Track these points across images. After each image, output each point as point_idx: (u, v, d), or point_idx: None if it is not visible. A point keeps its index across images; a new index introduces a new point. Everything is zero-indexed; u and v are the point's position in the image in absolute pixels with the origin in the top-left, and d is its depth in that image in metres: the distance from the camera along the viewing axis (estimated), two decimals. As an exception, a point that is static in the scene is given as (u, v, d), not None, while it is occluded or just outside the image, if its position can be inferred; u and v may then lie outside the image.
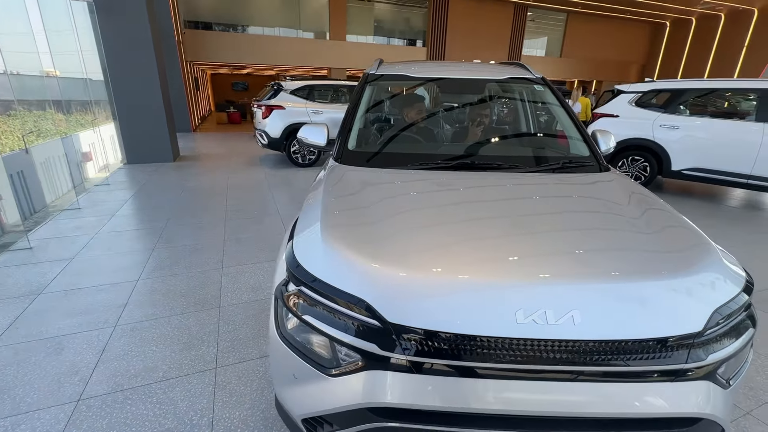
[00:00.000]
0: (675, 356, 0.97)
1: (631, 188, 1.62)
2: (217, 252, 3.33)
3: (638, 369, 0.96)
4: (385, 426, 1.03)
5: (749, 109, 5.09)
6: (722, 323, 1.02)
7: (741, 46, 17.06)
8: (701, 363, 0.99)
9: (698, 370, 1.00)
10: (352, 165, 1.84)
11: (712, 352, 1.00)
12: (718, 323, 1.01)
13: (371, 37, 15.26)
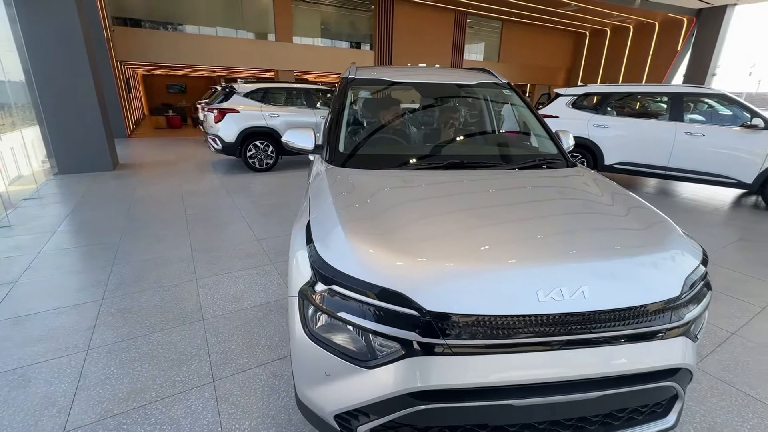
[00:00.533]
0: (662, 317, 1.17)
1: (600, 180, 1.85)
2: (187, 264, 3.16)
3: (637, 331, 1.14)
4: (425, 408, 1.11)
5: (663, 110, 5.87)
6: (692, 288, 1.24)
7: (647, 53, 19.46)
8: (680, 322, 1.20)
9: (677, 329, 1.20)
10: (348, 167, 1.89)
11: (687, 313, 1.22)
12: (690, 288, 1.23)
13: (318, 39, 15.13)
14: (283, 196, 5.24)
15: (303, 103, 7.12)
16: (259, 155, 6.67)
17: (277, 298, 2.66)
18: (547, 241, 1.26)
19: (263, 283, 2.87)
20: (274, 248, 3.50)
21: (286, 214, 4.46)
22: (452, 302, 1.08)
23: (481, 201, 1.54)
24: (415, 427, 1.21)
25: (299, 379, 1.35)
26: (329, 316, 1.18)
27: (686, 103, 5.64)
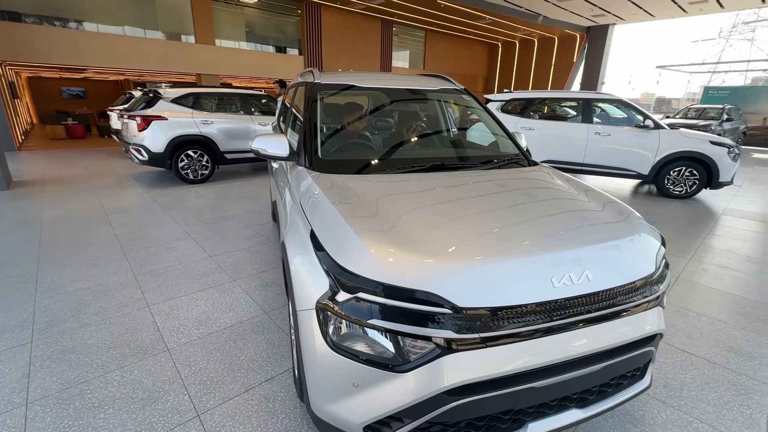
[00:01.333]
0: (645, 292, 1.35)
1: (562, 176, 2.06)
2: (132, 290, 2.80)
3: (630, 305, 1.30)
4: (460, 404, 1.14)
5: (577, 113, 6.68)
6: (660, 265, 1.45)
7: (550, 64, 21.97)
8: (656, 294, 1.39)
9: (654, 300, 1.40)
10: (335, 173, 1.85)
11: (659, 286, 1.42)
12: (660, 265, 1.44)
13: (244, 42, 14.41)
14: (227, 209, 4.89)
15: (239, 109, 6.73)
16: (193, 166, 6.14)
17: (249, 316, 2.49)
18: (548, 233, 1.37)
19: (228, 302, 2.66)
20: (231, 264, 3.26)
21: (236, 228, 4.18)
22: (481, 297, 1.13)
23: (475, 201, 1.62)
24: (445, 424, 1.23)
25: (319, 395, 1.29)
26: (358, 325, 1.15)
27: (594, 107, 6.49)
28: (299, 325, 1.34)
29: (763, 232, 4.53)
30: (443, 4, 14.50)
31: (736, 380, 2.02)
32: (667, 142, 5.87)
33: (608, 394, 1.44)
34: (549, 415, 1.33)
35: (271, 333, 2.32)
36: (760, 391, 1.95)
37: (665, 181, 6.03)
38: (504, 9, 15.49)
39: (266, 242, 3.78)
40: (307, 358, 1.30)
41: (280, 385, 1.90)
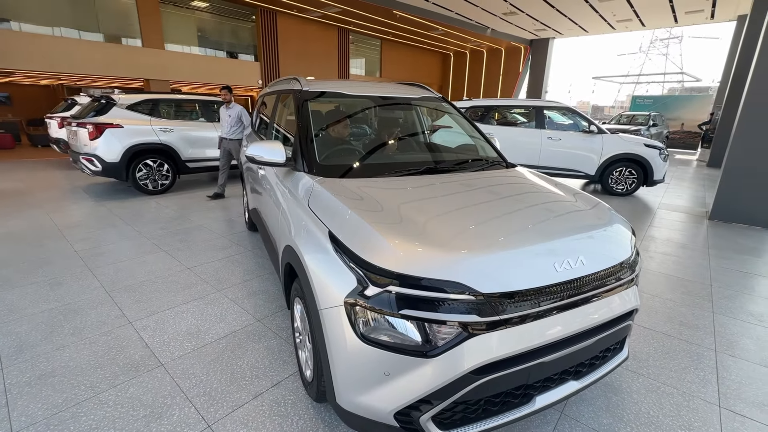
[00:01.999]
0: (626, 272, 1.56)
1: (544, 177, 2.27)
2: (108, 307, 2.64)
3: (614, 284, 1.50)
4: (484, 381, 1.26)
5: (531, 120, 7.20)
6: (633, 251, 1.68)
7: (498, 73, 23.31)
8: (634, 274, 1.61)
9: (632, 280, 1.62)
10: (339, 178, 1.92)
11: (636, 266, 1.64)
12: (633, 251, 1.66)
13: (196, 47, 13.83)
14: (195, 219, 4.71)
15: (201, 116, 6.49)
16: (152, 175, 5.82)
17: (243, 325, 2.45)
18: (545, 223, 1.55)
19: (218, 313, 2.60)
20: (212, 275, 3.17)
21: (209, 238, 4.05)
22: (498, 283, 1.26)
23: (475, 199, 1.77)
24: (467, 403, 1.35)
25: (348, 389, 1.35)
26: (390, 317, 1.24)
27: (546, 114, 7.05)
28: (324, 323, 1.39)
29: (691, 222, 5.19)
30: (399, 15, 14.93)
31: (689, 348, 2.34)
32: (610, 145, 6.52)
33: (597, 366, 1.63)
34: (552, 388, 1.49)
35: (269, 340, 2.31)
36: (707, 356, 2.27)
37: (609, 181, 6.67)
38: (455, 21, 16.27)
39: (244, 251, 3.70)
40: (336, 354, 1.36)
41: (288, 389, 1.91)
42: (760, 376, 2.11)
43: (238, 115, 5.35)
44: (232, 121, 5.35)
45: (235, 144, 5.45)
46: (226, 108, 5.39)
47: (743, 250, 4.13)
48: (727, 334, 2.50)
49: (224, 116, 5.41)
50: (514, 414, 1.40)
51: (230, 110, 5.36)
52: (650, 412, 1.83)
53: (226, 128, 5.42)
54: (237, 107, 5.36)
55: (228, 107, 5.37)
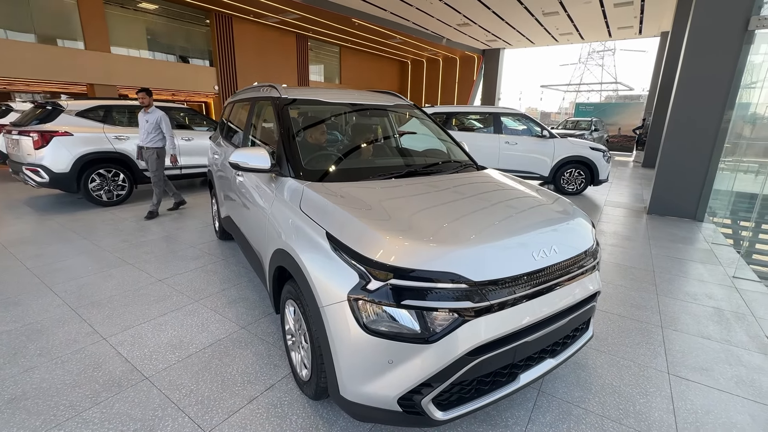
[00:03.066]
0: (590, 259, 1.77)
1: (508, 176, 2.48)
2: (76, 324, 2.50)
3: (582, 270, 1.70)
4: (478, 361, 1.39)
5: (489, 125, 7.62)
6: (594, 241, 1.91)
7: (454, 81, 24.24)
8: (596, 261, 1.83)
9: (595, 266, 1.83)
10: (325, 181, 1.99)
11: (597, 254, 1.87)
12: (594, 240, 1.89)
13: (146, 51, 13.14)
14: (160, 230, 4.51)
15: (158, 123, 6.21)
16: (107, 186, 5.49)
17: (227, 333, 2.43)
18: (521, 217, 1.73)
19: (198, 323, 2.55)
20: (186, 286, 3.08)
21: (178, 248, 3.91)
22: (487, 271, 1.41)
23: (458, 198, 1.92)
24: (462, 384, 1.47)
25: (353, 380, 1.43)
26: (392, 308, 1.33)
27: (502, 120, 7.49)
28: (327, 320, 1.46)
29: (633, 217, 5.76)
30: (357, 23, 15.14)
31: (640, 326, 2.64)
32: (560, 149, 7.06)
33: (568, 344, 1.83)
34: (533, 366, 1.66)
35: (256, 346, 2.31)
36: (655, 332, 2.58)
37: (561, 181, 7.22)
38: (413, 30, 16.78)
39: (218, 260, 3.62)
40: (340, 347, 1.43)
41: (282, 391, 1.94)
42: (698, 346, 2.44)
43: (158, 121, 4.78)
44: (149, 128, 4.77)
45: (152, 153, 4.85)
46: (144, 113, 4.79)
47: (677, 239, 4.67)
48: (669, 312, 2.85)
49: (141, 122, 4.80)
50: (503, 391, 1.55)
51: (149, 115, 4.77)
52: (613, 383, 2.06)
53: (143, 135, 4.80)
54: (157, 112, 4.80)
55: (146, 112, 4.78)
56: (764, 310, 2.94)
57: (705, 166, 5.40)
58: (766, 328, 2.66)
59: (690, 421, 1.82)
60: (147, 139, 4.81)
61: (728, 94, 5.10)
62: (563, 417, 1.82)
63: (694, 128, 5.40)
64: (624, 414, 1.85)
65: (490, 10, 13.69)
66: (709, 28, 5.14)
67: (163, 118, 4.82)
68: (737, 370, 2.21)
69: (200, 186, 7.33)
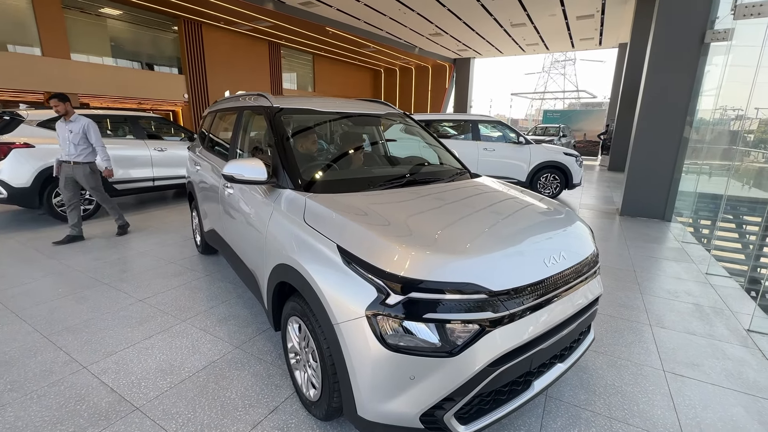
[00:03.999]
0: (593, 264, 1.81)
1: (505, 185, 2.51)
2: (50, 353, 2.29)
3: (588, 274, 1.74)
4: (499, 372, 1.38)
5: (467, 132, 7.77)
6: (595, 245, 1.95)
7: (427, 89, 24.68)
8: (598, 266, 1.88)
9: (597, 271, 1.88)
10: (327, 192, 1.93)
11: (598, 258, 1.91)
12: (595, 245, 1.94)
13: (109, 58, 12.54)
14: (135, 246, 4.26)
15: (128, 133, 5.92)
16: (73, 200, 5.13)
17: (221, 354, 2.30)
18: (529, 225, 1.74)
19: (189, 344, 2.40)
20: (171, 305, 2.91)
21: (157, 265, 3.70)
22: (505, 281, 1.40)
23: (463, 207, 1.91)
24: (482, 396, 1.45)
25: (372, 398, 1.38)
26: (414, 322, 1.30)
27: (480, 127, 7.67)
28: (343, 337, 1.40)
29: (606, 218, 6.01)
30: (331, 32, 15.15)
31: (630, 326, 2.73)
32: (536, 154, 7.30)
33: (574, 348, 1.86)
34: (545, 373, 1.66)
35: (253, 366, 2.20)
36: (645, 330, 2.68)
37: (537, 185, 7.45)
38: (386, 39, 16.98)
39: (202, 276, 3.45)
40: (359, 366, 1.37)
41: (287, 413, 1.85)
42: (686, 342, 2.55)
43: (83, 130, 4.12)
44: (75, 139, 4.08)
45: (84, 169, 4.21)
46: (64, 122, 4.11)
47: (650, 239, 4.90)
48: (655, 311, 2.97)
49: (63, 133, 4.11)
50: (520, 400, 1.54)
51: (71, 125, 4.09)
52: (614, 383, 2.11)
53: (67, 148, 4.12)
54: (82, 120, 4.13)
55: (67, 121, 4.10)
56: (738, 304, 3.13)
57: (671, 169, 5.73)
58: (744, 322, 2.82)
59: (691, 416, 1.88)
60: (74, 152, 4.14)
61: (689, 101, 5.46)
62: (573, 421, 1.84)
63: (659, 134, 5.73)
64: (629, 414, 1.89)
65: (461, 21, 14.08)
66: (669, 41, 5.50)
67: (91, 126, 4.17)
68: (724, 363, 2.32)
69: (173, 198, 7.01)
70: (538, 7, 12.22)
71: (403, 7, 12.53)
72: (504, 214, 1.87)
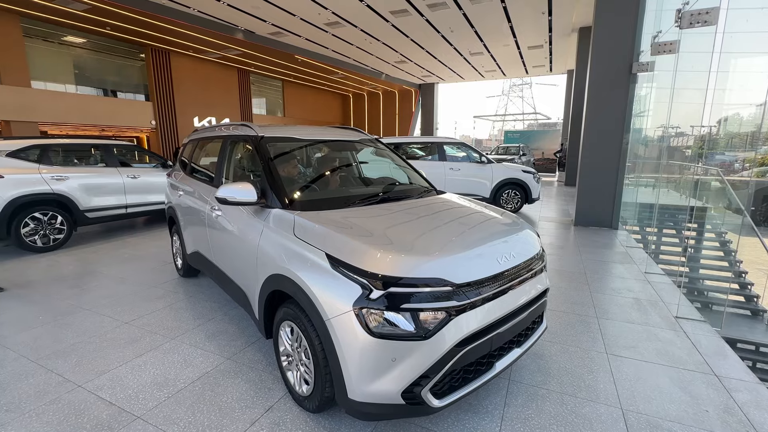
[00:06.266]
0: (539, 261, 2.18)
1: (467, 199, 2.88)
2: (42, 376, 2.35)
3: (535, 270, 2.09)
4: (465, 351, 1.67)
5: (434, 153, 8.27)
6: (541, 246, 2.33)
7: (395, 113, 25.60)
8: (544, 263, 2.25)
9: (543, 267, 2.24)
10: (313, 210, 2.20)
11: (544, 258, 2.28)
12: (540, 246, 2.31)
13: (72, 86, 12.31)
14: (111, 273, 4.27)
15: (101, 161, 5.93)
16: (43, 230, 5.07)
17: (213, 366, 2.45)
18: (485, 230, 2.09)
19: (181, 359, 2.53)
20: (158, 325, 3.01)
21: (139, 290, 3.76)
22: (466, 275, 1.72)
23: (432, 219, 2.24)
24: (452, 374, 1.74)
25: (360, 381, 1.62)
26: (394, 312, 1.58)
27: (446, 148, 8.20)
28: (334, 330, 1.65)
29: (562, 229, 6.59)
30: (300, 59, 15.66)
31: (580, 319, 3.12)
32: (498, 172, 7.89)
33: (529, 335, 2.19)
34: (504, 355, 1.98)
35: (246, 374, 2.37)
36: (592, 322, 3.07)
37: (500, 201, 8.01)
38: (353, 66, 17.69)
39: (185, 298, 3.56)
40: (348, 353, 1.62)
41: (282, 410, 2.04)
42: (626, 329, 2.96)
43: None
44: None
45: None
46: None
47: (599, 245, 5.46)
48: (601, 305, 3.39)
49: None
50: (484, 378, 1.84)
51: None
52: (566, 366, 2.46)
53: None
54: None
55: None
56: (670, 297, 3.62)
57: (614, 182, 6.42)
58: (673, 310, 3.29)
59: (627, 387, 2.24)
60: None
61: (624, 122, 6.22)
62: (531, 398, 2.15)
63: (602, 151, 6.44)
64: (578, 389, 2.22)
65: (424, 50, 15.01)
66: (603, 71, 6.29)
67: None
68: (656, 344, 2.74)
69: (144, 225, 6.96)
70: (492, 37, 13.30)
71: (369, 37, 13.25)
72: (465, 222, 2.21)
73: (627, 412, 2.03)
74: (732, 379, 2.34)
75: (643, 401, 2.12)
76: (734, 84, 7.85)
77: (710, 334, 2.91)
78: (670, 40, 5.07)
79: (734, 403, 2.11)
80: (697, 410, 2.05)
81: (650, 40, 5.58)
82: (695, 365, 2.48)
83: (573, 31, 12.40)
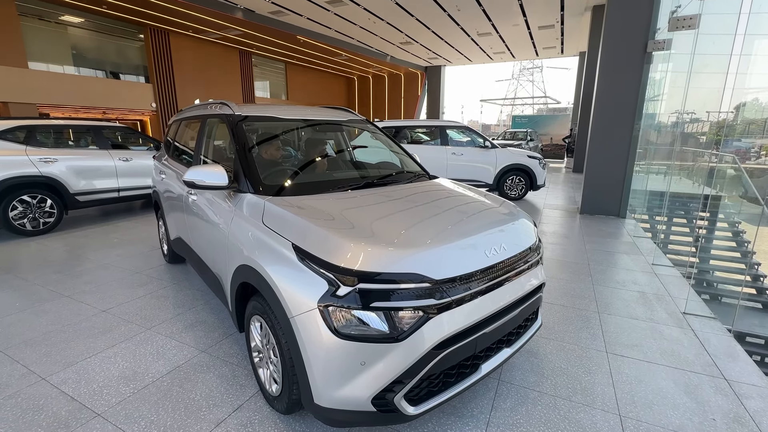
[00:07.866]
0: (534, 254, 1.98)
1: (460, 185, 2.67)
2: (5, 367, 2.25)
3: (529, 263, 1.89)
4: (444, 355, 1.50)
5: (436, 137, 8.00)
6: (537, 238, 2.12)
7: (400, 96, 25.06)
8: (539, 256, 2.04)
9: (539, 260, 2.04)
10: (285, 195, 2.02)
11: (540, 250, 2.08)
12: (537, 238, 2.11)
13: (71, 67, 12.11)
14: (98, 258, 4.17)
15: (91, 143, 5.78)
16: (32, 213, 4.97)
17: (186, 359, 2.33)
18: (473, 220, 1.89)
19: (153, 351, 2.41)
20: (135, 314, 2.89)
21: (122, 276, 3.65)
22: (447, 270, 1.53)
23: (414, 206, 2.04)
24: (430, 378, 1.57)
25: (327, 386, 1.46)
26: (362, 311, 1.40)
27: (448, 132, 7.92)
28: (298, 329, 1.49)
29: (568, 217, 6.34)
30: (302, 40, 15.23)
31: (580, 314, 2.93)
32: (502, 158, 7.60)
33: (521, 334, 2.01)
34: (492, 356, 1.80)
35: (219, 368, 2.24)
36: (593, 317, 2.88)
37: (504, 187, 7.74)
38: (357, 48, 17.20)
39: (168, 285, 3.43)
40: (312, 355, 1.46)
41: (251, 410, 1.91)
42: (628, 326, 2.76)
43: None
44: None
45: None
46: None
47: (605, 235, 5.22)
48: (603, 299, 3.20)
49: None
50: (468, 382, 1.67)
51: None
52: (561, 365, 2.28)
53: None
54: None
55: None
56: (678, 290, 3.41)
57: (623, 169, 6.12)
58: (681, 306, 3.09)
59: (626, 391, 2.06)
60: None
61: (636, 106, 5.87)
62: (521, 401, 1.98)
63: (611, 137, 6.12)
64: (572, 392, 2.05)
65: (430, 30, 14.47)
66: (617, 50, 5.91)
67: None
68: (661, 343, 2.55)
69: (141, 209, 6.86)
70: (502, 17, 12.74)
71: (373, 17, 12.78)
72: (450, 211, 2.01)
73: (625, 419, 1.86)
74: (743, 383, 2.15)
75: (644, 407, 1.95)
76: (755, 68, 7.40)
77: (720, 333, 2.71)
78: (690, 14, 4.70)
79: (745, 411, 1.93)
80: (702, 418, 1.88)
81: (668, 16, 5.20)
82: (703, 367, 2.29)
83: (586, 9, 11.80)
